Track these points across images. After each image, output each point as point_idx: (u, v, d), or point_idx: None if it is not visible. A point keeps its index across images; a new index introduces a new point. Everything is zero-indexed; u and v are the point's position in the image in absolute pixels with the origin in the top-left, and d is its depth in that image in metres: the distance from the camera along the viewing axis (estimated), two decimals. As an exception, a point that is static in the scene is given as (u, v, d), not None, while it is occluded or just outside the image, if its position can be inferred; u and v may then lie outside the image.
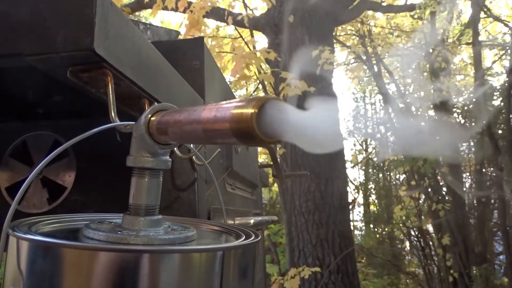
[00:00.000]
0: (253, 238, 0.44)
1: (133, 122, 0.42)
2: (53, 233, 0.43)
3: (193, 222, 0.54)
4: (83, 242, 0.39)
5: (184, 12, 3.21)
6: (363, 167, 11.07)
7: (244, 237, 0.45)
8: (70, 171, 0.78)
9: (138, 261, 0.34)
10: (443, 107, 6.10)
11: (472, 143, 7.26)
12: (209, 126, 0.34)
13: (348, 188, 6.00)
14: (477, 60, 5.45)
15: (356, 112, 12.60)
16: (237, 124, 0.31)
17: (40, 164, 0.38)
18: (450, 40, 7.30)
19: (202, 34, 3.85)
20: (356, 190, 10.12)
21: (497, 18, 6.33)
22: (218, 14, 5.06)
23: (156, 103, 0.43)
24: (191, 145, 0.69)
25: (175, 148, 0.58)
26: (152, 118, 0.41)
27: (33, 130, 0.81)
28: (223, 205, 0.58)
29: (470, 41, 6.80)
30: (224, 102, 0.34)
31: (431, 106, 6.67)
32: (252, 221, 1.04)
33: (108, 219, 0.45)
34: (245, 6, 4.13)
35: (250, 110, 0.30)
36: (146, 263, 0.34)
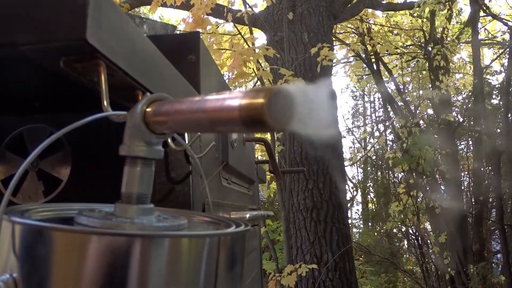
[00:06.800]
0: (243, 227, 0.45)
1: (126, 112, 0.42)
2: (46, 221, 0.43)
3: (183, 213, 0.55)
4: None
5: (182, 8, 3.20)
6: (362, 165, 11.09)
7: (234, 227, 0.46)
8: (65, 164, 0.79)
9: (138, 246, 0.35)
10: (441, 105, 6.11)
11: (470, 142, 7.27)
12: (216, 115, 0.35)
13: (346, 186, 6.02)
14: (476, 59, 5.45)
15: (355, 110, 12.62)
16: (247, 113, 0.32)
17: (33, 154, 0.38)
18: (449, 39, 7.30)
19: (201, 31, 3.85)
20: (354, 188, 10.13)
21: (496, 17, 6.33)
22: (217, 11, 5.06)
23: (148, 94, 0.43)
24: (185, 140, 0.69)
25: (169, 140, 0.58)
26: (148, 108, 0.41)
27: (29, 123, 0.81)
28: (209, 197, 0.59)
29: (469, 39, 6.81)
30: (227, 92, 0.36)
31: (430, 104, 6.68)
32: (247, 216, 1.05)
33: (97, 208, 0.46)
34: (245, 3, 4.13)
35: (260, 100, 0.32)
36: (145, 248, 0.36)
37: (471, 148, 7.30)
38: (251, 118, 0.32)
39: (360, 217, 11.31)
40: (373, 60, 7.23)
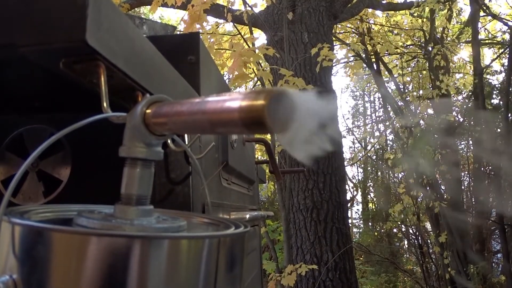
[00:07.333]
0: (242, 228, 0.45)
1: (125, 114, 0.42)
2: (46, 222, 0.43)
3: (182, 214, 0.55)
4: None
5: (182, 8, 3.20)
6: (362, 165, 11.09)
7: (233, 228, 0.46)
8: (65, 165, 0.79)
9: (137, 247, 0.35)
10: (442, 105, 6.11)
11: (470, 142, 7.27)
12: (216, 116, 0.35)
13: (346, 185, 6.02)
14: (476, 59, 5.45)
15: (355, 110, 12.62)
16: (248, 114, 0.32)
17: (33, 155, 0.38)
18: (449, 39, 7.30)
19: (201, 30, 3.85)
20: (354, 188, 10.13)
21: (496, 17, 6.33)
22: (217, 10, 5.06)
23: (148, 95, 0.43)
24: (185, 140, 0.69)
25: (168, 141, 0.59)
26: (148, 110, 0.41)
27: (30, 124, 0.81)
28: (208, 198, 0.59)
29: (469, 39, 6.80)
30: (227, 93, 0.36)
31: (430, 104, 6.68)
32: (247, 216, 1.05)
33: (97, 209, 0.46)
34: (245, 3, 4.13)
35: (261, 101, 0.32)
36: (144, 249, 0.36)
37: (471, 148, 7.30)
38: (252, 120, 0.33)
39: (360, 217, 11.30)
40: (373, 60, 7.22)
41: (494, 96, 7.20)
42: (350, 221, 9.40)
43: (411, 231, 8.08)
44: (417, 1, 5.43)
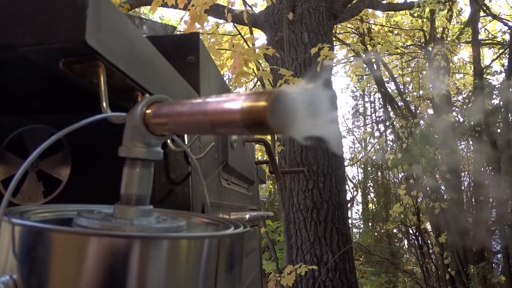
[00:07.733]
0: (242, 228, 0.45)
1: (125, 114, 0.43)
2: (45, 222, 0.43)
3: (182, 214, 0.55)
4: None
5: (184, 9, 3.20)
6: (362, 165, 11.09)
7: (233, 228, 0.46)
8: (65, 165, 0.79)
9: (137, 247, 0.35)
10: (442, 105, 6.11)
11: (470, 142, 7.27)
12: (217, 117, 0.35)
13: (346, 186, 6.02)
14: (476, 59, 5.46)
15: (355, 110, 12.61)
16: (249, 115, 0.33)
17: (33, 155, 0.38)
18: (449, 39, 7.30)
19: (201, 31, 3.85)
20: (354, 188, 10.13)
21: (496, 17, 6.34)
22: (217, 11, 5.06)
23: (148, 95, 0.43)
24: (185, 140, 0.69)
25: (168, 141, 0.59)
26: (148, 110, 0.41)
27: (29, 124, 0.81)
28: (208, 199, 0.59)
29: (469, 39, 6.81)
30: (229, 94, 0.36)
31: (430, 104, 6.68)
32: (247, 216, 1.05)
33: (96, 209, 0.46)
34: (245, 3, 4.13)
35: (263, 102, 0.32)
36: (144, 249, 0.36)
37: (471, 148, 7.30)
38: (253, 121, 0.33)
39: (360, 217, 11.30)
40: (373, 60, 7.22)
41: (494, 96, 7.19)
42: (350, 221, 9.40)
43: (411, 231, 8.08)
44: (418, 2, 5.43)
